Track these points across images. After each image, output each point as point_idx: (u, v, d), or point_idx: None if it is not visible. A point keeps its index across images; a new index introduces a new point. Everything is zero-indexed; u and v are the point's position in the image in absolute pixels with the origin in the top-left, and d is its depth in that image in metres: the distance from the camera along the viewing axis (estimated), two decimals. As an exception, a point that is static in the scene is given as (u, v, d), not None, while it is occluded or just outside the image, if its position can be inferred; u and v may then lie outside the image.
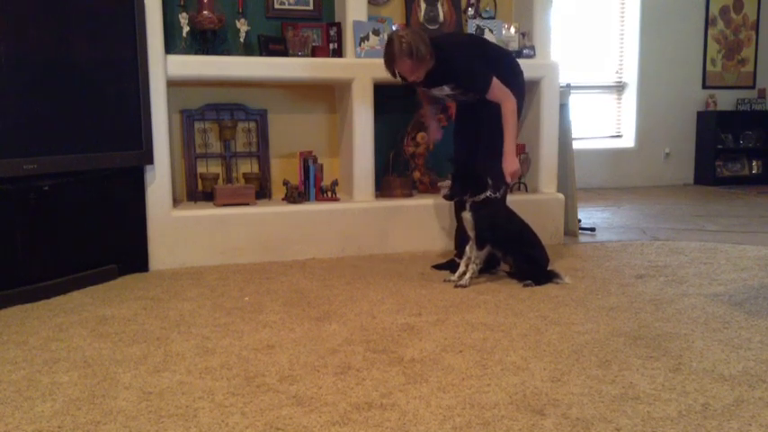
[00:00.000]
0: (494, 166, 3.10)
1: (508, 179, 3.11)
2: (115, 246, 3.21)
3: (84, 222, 3.07)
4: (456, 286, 2.98)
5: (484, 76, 3.03)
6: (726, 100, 7.24)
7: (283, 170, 3.98)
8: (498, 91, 3.04)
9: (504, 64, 3.20)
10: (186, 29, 3.57)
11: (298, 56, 3.68)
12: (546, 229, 3.92)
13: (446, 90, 3.18)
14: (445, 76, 3.09)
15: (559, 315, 2.56)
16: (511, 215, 3.14)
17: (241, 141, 3.93)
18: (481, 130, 3.20)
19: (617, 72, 7.08)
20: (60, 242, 2.96)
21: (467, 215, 3.04)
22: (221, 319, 2.54)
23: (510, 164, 3.09)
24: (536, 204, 3.95)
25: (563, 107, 4.13)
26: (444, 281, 3.09)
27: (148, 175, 3.34)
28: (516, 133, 3.17)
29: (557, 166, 4.08)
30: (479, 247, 3.01)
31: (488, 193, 3.01)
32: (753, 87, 7.36)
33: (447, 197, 3.12)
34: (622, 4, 6.96)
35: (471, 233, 3.04)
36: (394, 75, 3.08)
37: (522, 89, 3.27)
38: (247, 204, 3.62)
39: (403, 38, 2.92)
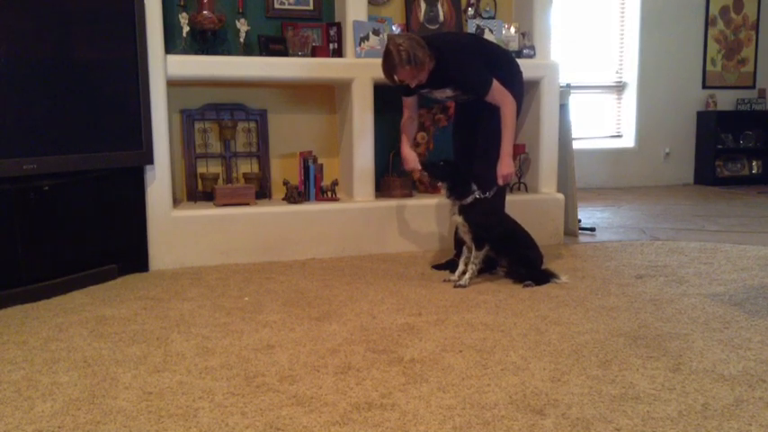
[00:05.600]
0: (488, 167, 3.11)
1: (500, 181, 3.11)
2: (115, 246, 3.21)
3: (84, 222, 3.07)
4: (455, 286, 2.98)
5: (483, 80, 3.03)
6: (726, 100, 7.24)
7: (283, 170, 3.98)
8: (498, 94, 3.04)
9: (503, 64, 3.20)
10: (186, 29, 3.57)
11: (298, 56, 3.68)
12: (546, 229, 3.92)
13: (448, 92, 3.18)
14: (445, 79, 3.09)
15: (559, 315, 2.56)
16: (502, 216, 3.14)
17: (241, 141, 3.93)
18: (479, 130, 3.19)
19: (617, 72, 7.08)
20: (60, 242, 2.96)
21: (458, 218, 3.04)
22: (221, 319, 2.54)
23: (505, 167, 3.08)
24: (536, 204, 3.96)
25: (563, 107, 4.13)
26: (444, 281, 3.09)
27: (148, 175, 3.34)
28: (515, 135, 3.17)
29: (557, 166, 4.08)
30: (478, 247, 3.01)
31: (475, 195, 3.01)
32: (753, 87, 7.35)
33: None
34: (622, 4, 6.96)
35: (466, 236, 3.04)
36: (394, 82, 3.08)
37: (521, 90, 3.27)
38: (247, 204, 3.62)
39: (400, 45, 2.92)
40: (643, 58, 6.92)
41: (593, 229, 4.37)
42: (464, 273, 3.03)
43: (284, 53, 3.69)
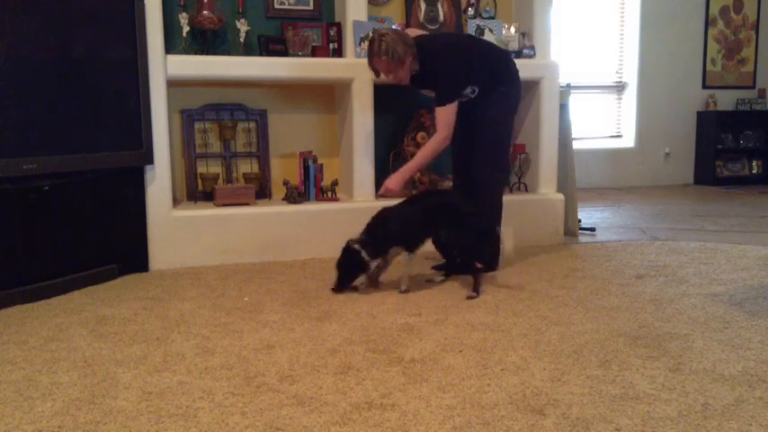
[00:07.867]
0: (490, 170, 3.12)
1: (381, 190, 3.12)
2: (115, 246, 3.21)
3: (84, 222, 3.07)
4: (402, 292, 2.88)
5: (446, 94, 3.01)
6: (726, 100, 7.24)
7: (283, 170, 3.98)
8: (442, 117, 3.00)
9: (501, 66, 3.19)
10: (186, 29, 3.56)
11: (298, 56, 3.68)
12: (546, 229, 3.92)
13: (432, 93, 3.20)
14: (428, 82, 3.10)
15: (559, 315, 2.56)
16: (395, 213, 2.97)
17: (241, 141, 3.93)
18: (477, 133, 3.19)
19: (617, 72, 7.08)
20: (60, 242, 2.96)
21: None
22: (221, 319, 2.54)
23: (392, 181, 3.08)
24: (536, 204, 3.96)
25: (563, 107, 4.13)
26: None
27: (148, 175, 3.34)
28: (426, 162, 3.14)
29: (557, 166, 4.08)
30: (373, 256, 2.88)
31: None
32: (753, 87, 7.36)
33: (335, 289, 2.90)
34: (622, 4, 6.96)
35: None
36: (377, 74, 3.09)
37: (519, 91, 3.26)
38: (247, 204, 3.62)
39: (383, 37, 2.95)
40: (643, 58, 6.92)
41: (593, 229, 4.37)
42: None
43: (284, 53, 3.69)
